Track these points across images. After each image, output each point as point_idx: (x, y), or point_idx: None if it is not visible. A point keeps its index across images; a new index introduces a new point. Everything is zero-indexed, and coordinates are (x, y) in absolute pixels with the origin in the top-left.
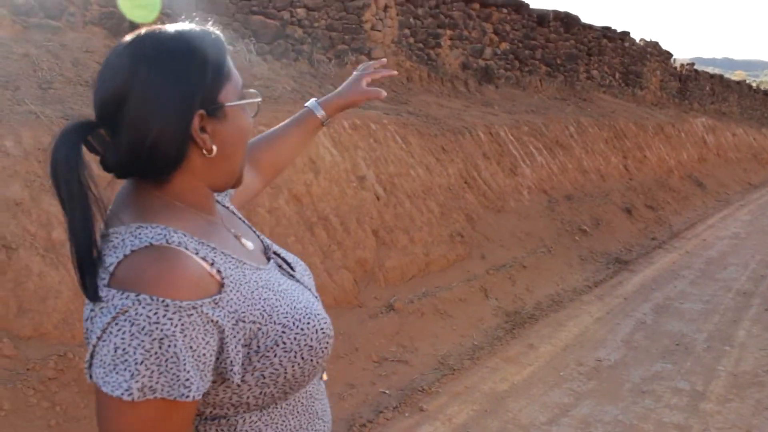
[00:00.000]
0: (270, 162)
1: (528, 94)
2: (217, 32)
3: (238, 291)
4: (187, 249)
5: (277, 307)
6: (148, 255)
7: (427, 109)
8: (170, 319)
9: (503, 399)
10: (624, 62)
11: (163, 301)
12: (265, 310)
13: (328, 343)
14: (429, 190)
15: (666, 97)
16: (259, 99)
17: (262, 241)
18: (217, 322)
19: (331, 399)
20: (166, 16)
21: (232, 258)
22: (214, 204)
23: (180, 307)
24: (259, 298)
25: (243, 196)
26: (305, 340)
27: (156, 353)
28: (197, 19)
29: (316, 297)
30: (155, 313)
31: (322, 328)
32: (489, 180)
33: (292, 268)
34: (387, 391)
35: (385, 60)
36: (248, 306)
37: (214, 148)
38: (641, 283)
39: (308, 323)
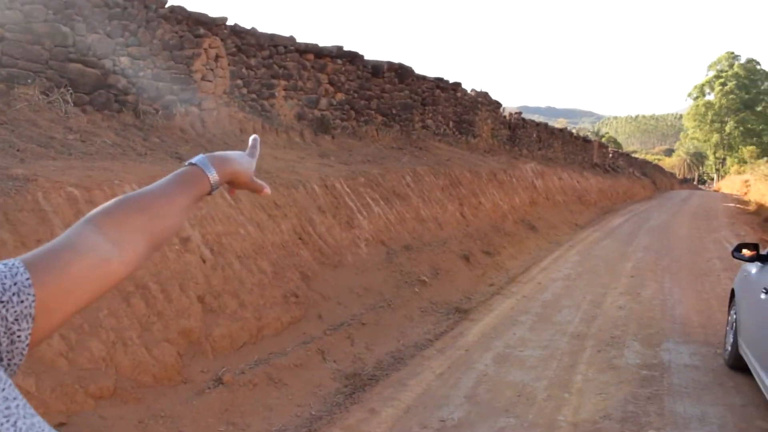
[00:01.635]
0: (142, 232)
1: (364, 143)
2: None
3: None
4: None
5: None
6: None
7: (260, 162)
8: None
9: None
10: (457, 111)
11: None
12: None
13: None
14: (261, 249)
15: (497, 145)
16: None
17: None
18: None
19: None
20: None
21: None
22: None
23: None
24: None
25: (97, 288)
26: None
27: None
28: None
29: None
30: None
31: None
32: (325, 234)
33: None
34: None
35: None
36: None
37: None
38: (482, 332)
39: None
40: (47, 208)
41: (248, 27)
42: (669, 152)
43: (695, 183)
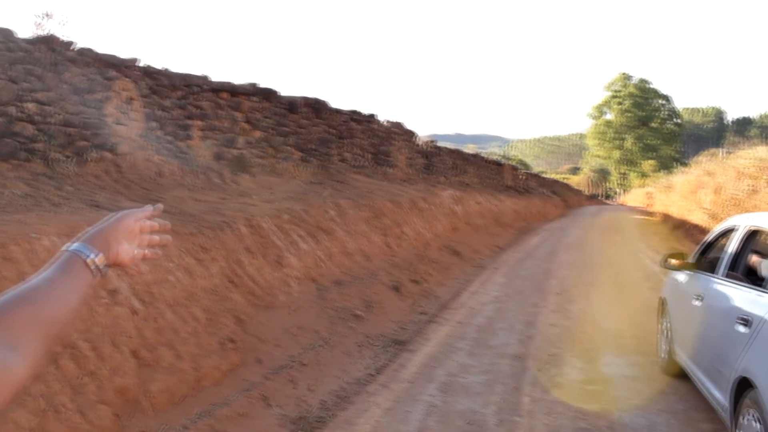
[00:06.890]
0: (35, 325)
1: (284, 180)
2: None
3: None
4: None
5: None
6: None
7: (181, 205)
8: None
9: None
10: (373, 143)
11: None
12: None
13: None
14: (192, 296)
15: (414, 173)
16: None
17: None
18: None
19: None
20: None
21: None
22: None
23: None
24: None
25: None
26: None
27: None
28: None
29: None
30: None
31: None
32: (255, 275)
33: None
34: None
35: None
36: None
37: None
38: (422, 363)
39: None
40: None
41: (160, 67)
42: (575, 170)
43: (602, 198)
